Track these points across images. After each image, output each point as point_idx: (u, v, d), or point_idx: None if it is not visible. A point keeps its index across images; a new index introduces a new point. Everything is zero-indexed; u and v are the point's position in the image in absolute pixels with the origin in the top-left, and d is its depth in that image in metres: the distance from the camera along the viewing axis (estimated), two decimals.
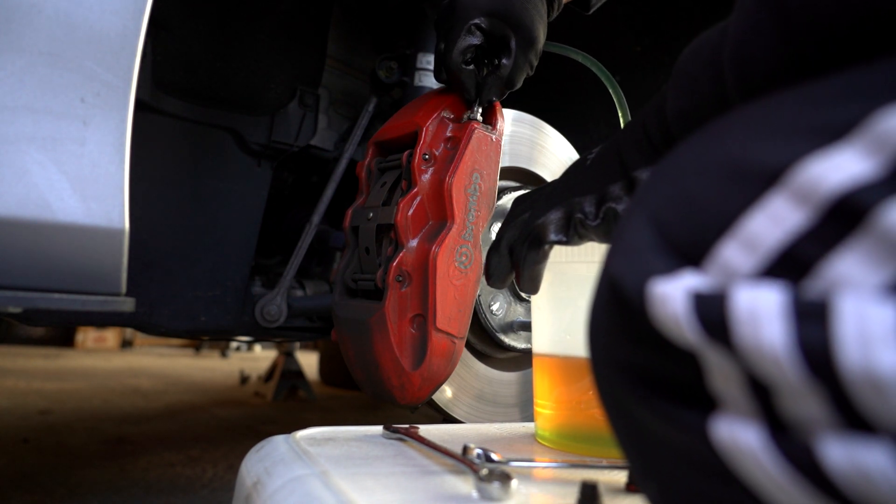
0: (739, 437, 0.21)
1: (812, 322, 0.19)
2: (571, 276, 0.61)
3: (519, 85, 0.77)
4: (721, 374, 0.22)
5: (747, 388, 0.21)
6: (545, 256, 0.55)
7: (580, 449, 0.58)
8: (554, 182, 0.58)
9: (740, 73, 0.37)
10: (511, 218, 0.59)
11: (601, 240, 0.51)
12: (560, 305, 0.62)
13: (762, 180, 0.22)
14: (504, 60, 0.75)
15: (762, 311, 0.20)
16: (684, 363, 0.23)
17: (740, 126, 0.26)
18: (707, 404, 0.23)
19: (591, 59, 0.86)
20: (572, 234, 0.52)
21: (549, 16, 0.77)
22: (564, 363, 0.60)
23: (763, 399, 0.21)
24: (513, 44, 0.74)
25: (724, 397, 0.22)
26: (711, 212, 0.24)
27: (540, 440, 0.63)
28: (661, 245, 0.24)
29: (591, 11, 0.85)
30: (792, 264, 0.21)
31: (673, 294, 0.22)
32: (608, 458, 0.55)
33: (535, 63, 0.77)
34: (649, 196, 0.27)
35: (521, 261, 0.55)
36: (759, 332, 0.20)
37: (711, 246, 0.23)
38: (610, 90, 0.86)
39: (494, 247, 0.59)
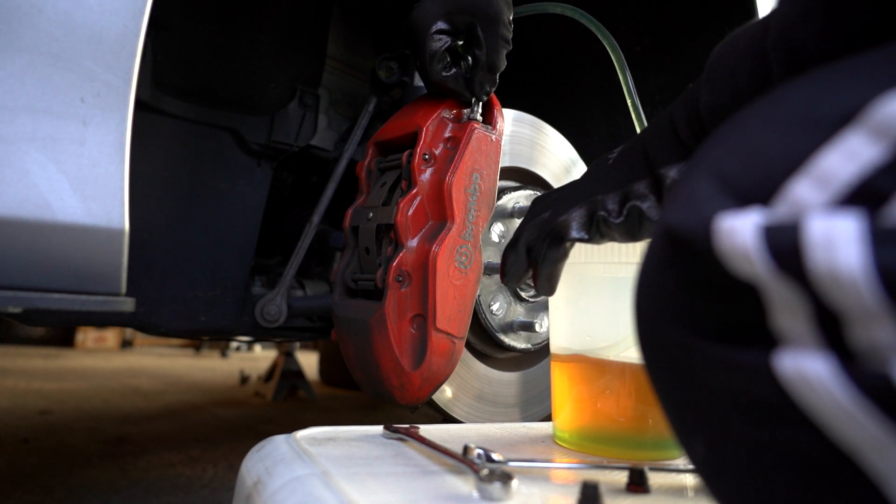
0: (807, 368, 0.21)
1: (890, 246, 0.19)
2: (590, 276, 0.61)
3: (503, 65, 0.76)
4: (786, 308, 0.21)
5: (814, 320, 0.21)
6: (565, 255, 0.55)
7: (600, 450, 0.58)
8: (575, 181, 0.58)
9: (788, 60, 0.36)
10: (530, 217, 0.58)
11: (624, 239, 0.51)
12: (578, 305, 0.62)
13: (835, 122, 0.22)
14: (477, 51, 0.74)
15: (838, 237, 0.20)
16: (745, 302, 0.22)
17: (806, 84, 0.26)
18: (769, 342, 0.22)
19: (572, 8, 0.86)
20: (594, 232, 0.51)
21: None
22: (583, 363, 0.60)
23: (831, 331, 0.21)
24: (479, 30, 0.73)
25: (789, 332, 0.22)
26: (779, 155, 0.23)
27: (558, 441, 0.63)
28: (725, 191, 0.24)
29: None
30: (867, 197, 0.21)
31: (741, 227, 0.22)
32: (626, 458, 0.55)
33: (509, 36, 0.76)
34: (710, 153, 0.27)
35: (540, 259, 0.55)
36: (835, 257, 0.20)
37: (780, 185, 0.23)
38: (602, 40, 0.86)
39: (511, 245, 0.59)
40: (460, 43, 0.76)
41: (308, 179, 1.24)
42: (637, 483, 0.46)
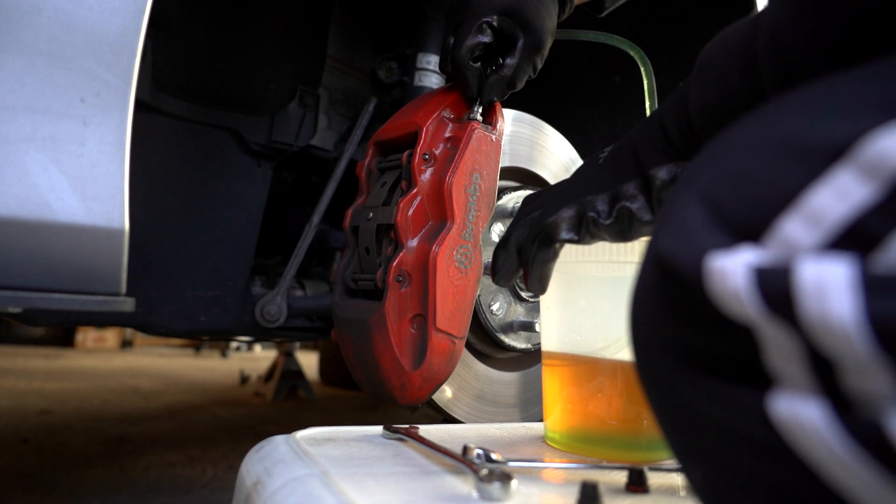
0: (801, 413, 0.20)
1: (882, 295, 0.19)
2: (581, 276, 0.60)
3: (521, 86, 0.77)
4: (780, 350, 0.21)
5: (808, 364, 0.21)
6: (555, 255, 0.55)
7: (590, 451, 0.58)
8: (565, 181, 0.57)
9: (779, 62, 0.36)
10: (520, 216, 0.58)
11: (613, 239, 0.51)
12: (569, 306, 0.62)
13: (826, 156, 0.22)
14: (508, 60, 0.73)
15: (830, 284, 0.19)
16: (739, 340, 0.22)
17: (798, 105, 0.25)
18: (763, 382, 0.22)
19: (604, 34, 0.86)
20: (584, 233, 0.51)
21: (559, 16, 0.76)
22: (574, 364, 0.60)
23: (825, 375, 0.20)
24: (520, 44, 0.72)
25: (782, 374, 0.22)
26: (770, 188, 0.23)
27: (549, 442, 0.62)
28: (715, 222, 0.24)
29: (604, 14, 0.84)
30: (858, 239, 0.20)
31: (733, 268, 0.22)
32: (616, 460, 0.54)
33: (540, 66, 0.76)
34: (699, 176, 0.26)
35: (531, 259, 0.55)
36: (827, 306, 0.19)
37: (771, 222, 0.22)
38: (633, 54, 0.87)
39: (502, 244, 0.59)
40: (493, 45, 0.74)
41: (308, 179, 1.24)
42: (636, 483, 0.46)
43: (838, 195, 0.21)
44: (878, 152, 0.21)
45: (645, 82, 0.87)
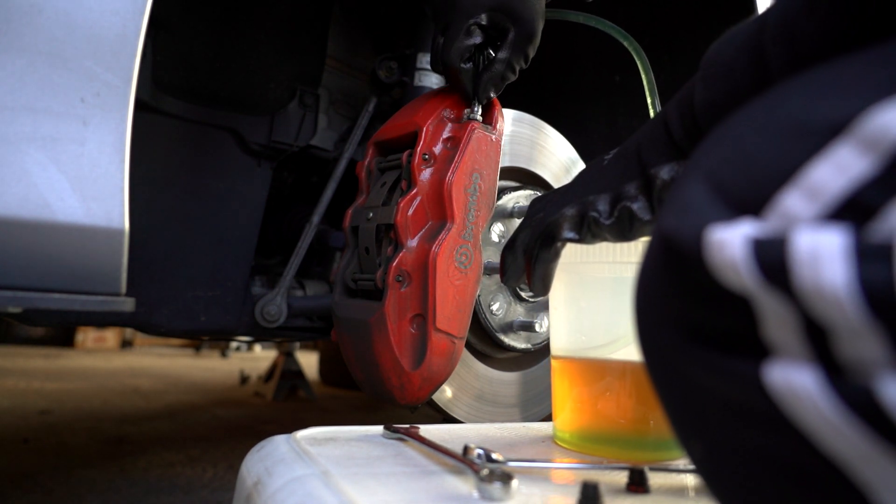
0: (795, 381, 0.21)
1: (874, 262, 0.19)
2: (588, 276, 0.61)
3: (514, 78, 0.77)
4: (776, 319, 0.22)
5: (803, 333, 0.21)
6: (557, 254, 0.55)
7: (599, 450, 0.58)
8: (570, 182, 0.58)
9: (790, 54, 0.36)
10: (527, 219, 0.59)
11: (615, 239, 0.51)
12: (577, 306, 0.62)
13: (826, 132, 0.23)
14: (500, 55, 0.74)
15: (823, 253, 0.20)
16: (737, 312, 0.23)
17: (800, 87, 0.26)
18: (760, 353, 0.23)
19: (595, 18, 0.87)
20: (585, 232, 0.52)
21: None
22: (582, 363, 0.60)
23: (819, 343, 0.21)
24: (510, 38, 0.73)
25: (779, 344, 0.22)
26: (772, 165, 0.24)
27: (559, 442, 0.63)
28: (718, 199, 0.24)
29: (592, 1, 0.84)
30: (855, 210, 0.21)
31: (731, 239, 0.22)
32: (625, 459, 0.54)
33: (532, 55, 0.76)
34: (704, 158, 0.27)
35: (533, 259, 0.55)
36: (820, 273, 0.20)
37: (771, 196, 0.23)
38: (628, 47, 0.87)
39: (509, 246, 0.59)
40: (483, 42, 0.75)
41: (308, 179, 1.24)
42: (637, 483, 0.46)
43: (838, 169, 0.22)
44: (877, 126, 0.21)
45: (644, 78, 0.87)
